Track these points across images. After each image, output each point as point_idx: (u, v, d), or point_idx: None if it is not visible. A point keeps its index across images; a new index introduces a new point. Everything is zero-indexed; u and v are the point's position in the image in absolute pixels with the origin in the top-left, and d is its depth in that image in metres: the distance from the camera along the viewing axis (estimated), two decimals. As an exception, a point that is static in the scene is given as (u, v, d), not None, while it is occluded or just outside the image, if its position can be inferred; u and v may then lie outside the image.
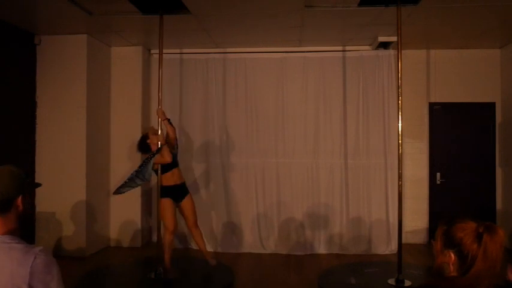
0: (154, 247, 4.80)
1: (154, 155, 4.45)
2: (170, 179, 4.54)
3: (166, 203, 4.53)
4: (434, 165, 6.15)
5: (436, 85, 6.16)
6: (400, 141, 4.33)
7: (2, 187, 1.56)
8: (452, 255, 1.37)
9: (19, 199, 1.61)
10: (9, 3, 4.30)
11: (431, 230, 5.99)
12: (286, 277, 4.83)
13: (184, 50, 6.14)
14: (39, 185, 1.88)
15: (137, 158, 5.95)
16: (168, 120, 4.50)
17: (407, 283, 4.32)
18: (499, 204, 6.07)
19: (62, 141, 5.41)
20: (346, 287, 4.43)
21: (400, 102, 4.30)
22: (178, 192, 4.62)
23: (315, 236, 5.85)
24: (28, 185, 1.73)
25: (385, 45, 5.74)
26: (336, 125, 5.94)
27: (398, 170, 4.36)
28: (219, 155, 6.01)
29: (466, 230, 1.36)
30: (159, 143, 4.36)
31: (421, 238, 6.09)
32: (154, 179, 4.99)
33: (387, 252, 5.70)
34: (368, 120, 5.89)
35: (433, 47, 6.07)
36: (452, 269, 1.38)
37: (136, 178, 4.52)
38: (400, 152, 4.34)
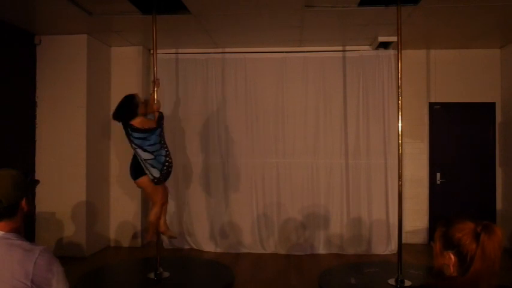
0: (154, 247, 4.80)
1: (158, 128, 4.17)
2: None
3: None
4: (434, 165, 6.15)
5: (436, 85, 6.16)
6: (400, 141, 4.33)
7: (6, 194, 1.60)
8: (452, 256, 1.38)
9: (23, 201, 1.65)
10: (9, 3, 4.30)
11: (431, 230, 5.99)
12: (286, 277, 4.83)
13: (184, 50, 6.14)
14: (38, 182, 1.90)
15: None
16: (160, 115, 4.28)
17: (407, 283, 4.32)
18: (499, 204, 6.07)
19: (62, 141, 5.41)
20: (346, 287, 4.43)
21: (400, 102, 4.30)
22: None
23: (315, 236, 5.85)
24: (30, 185, 1.76)
25: (385, 45, 5.74)
26: (336, 125, 5.93)
27: (399, 170, 4.36)
28: (219, 155, 6.01)
29: (464, 231, 1.37)
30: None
31: (421, 238, 6.09)
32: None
33: (387, 252, 5.70)
34: (368, 120, 5.88)
35: (433, 47, 6.07)
36: (452, 270, 1.38)
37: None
38: (400, 152, 4.34)
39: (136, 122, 4.08)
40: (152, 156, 4.11)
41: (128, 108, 4.10)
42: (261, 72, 6.02)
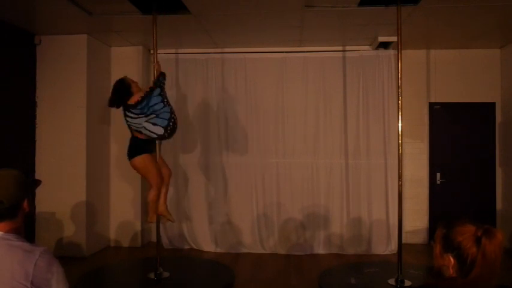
0: (154, 247, 4.80)
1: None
2: None
3: (147, 157, 4.21)
4: (434, 165, 6.15)
5: (436, 85, 6.16)
6: (400, 141, 4.33)
7: (8, 194, 1.59)
8: (452, 259, 1.38)
9: (25, 202, 1.64)
10: (9, 3, 4.30)
11: (431, 230, 5.99)
12: (286, 277, 4.83)
13: (184, 50, 6.14)
14: (39, 182, 1.89)
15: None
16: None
17: (407, 283, 4.32)
18: (499, 205, 6.06)
19: (62, 141, 5.41)
20: (346, 287, 4.43)
21: (400, 102, 4.30)
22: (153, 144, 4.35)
23: (314, 236, 5.85)
24: (31, 186, 1.75)
25: (385, 45, 5.73)
26: (336, 125, 5.93)
27: (399, 170, 4.36)
28: (219, 155, 6.00)
29: (465, 234, 1.36)
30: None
31: (421, 238, 6.09)
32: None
33: (387, 252, 5.70)
34: (368, 120, 5.88)
35: (433, 47, 6.06)
36: (452, 272, 1.38)
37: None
38: (400, 152, 4.34)
39: (133, 99, 4.08)
40: (154, 116, 4.05)
41: (123, 90, 4.13)
42: (261, 72, 6.01)
